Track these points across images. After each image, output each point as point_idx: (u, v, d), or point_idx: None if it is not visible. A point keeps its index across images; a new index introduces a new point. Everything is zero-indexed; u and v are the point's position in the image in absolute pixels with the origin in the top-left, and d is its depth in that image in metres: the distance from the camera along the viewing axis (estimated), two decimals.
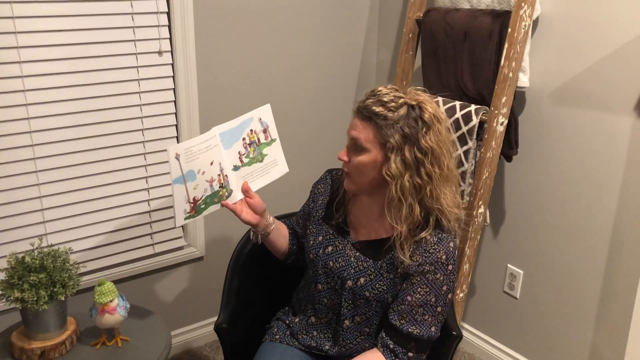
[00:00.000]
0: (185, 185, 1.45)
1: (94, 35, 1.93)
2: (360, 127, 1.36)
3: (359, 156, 1.36)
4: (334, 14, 2.49)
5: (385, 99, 1.33)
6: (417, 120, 1.32)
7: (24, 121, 1.86)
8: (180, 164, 1.44)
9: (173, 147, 1.43)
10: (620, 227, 1.93)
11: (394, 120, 1.31)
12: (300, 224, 1.66)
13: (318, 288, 1.52)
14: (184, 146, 1.45)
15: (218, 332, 1.63)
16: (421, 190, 1.34)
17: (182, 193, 1.45)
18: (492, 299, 2.41)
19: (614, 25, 1.83)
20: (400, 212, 1.35)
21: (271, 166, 1.61)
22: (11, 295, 1.48)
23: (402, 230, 1.36)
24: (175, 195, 1.44)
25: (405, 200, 1.34)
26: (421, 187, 1.34)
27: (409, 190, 1.33)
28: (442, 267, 1.37)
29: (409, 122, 1.32)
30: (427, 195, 1.35)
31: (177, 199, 1.45)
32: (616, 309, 1.99)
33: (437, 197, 1.35)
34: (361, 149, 1.36)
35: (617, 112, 1.88)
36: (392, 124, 1.31)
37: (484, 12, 2.04)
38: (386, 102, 1.33)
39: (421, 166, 1.33)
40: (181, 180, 1.44)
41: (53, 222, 1.99)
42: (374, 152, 1.35)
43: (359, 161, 1.36)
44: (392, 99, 1.33)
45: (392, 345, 1.39)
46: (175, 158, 1.43)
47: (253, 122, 1.57)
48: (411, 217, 1.35)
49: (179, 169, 1.44)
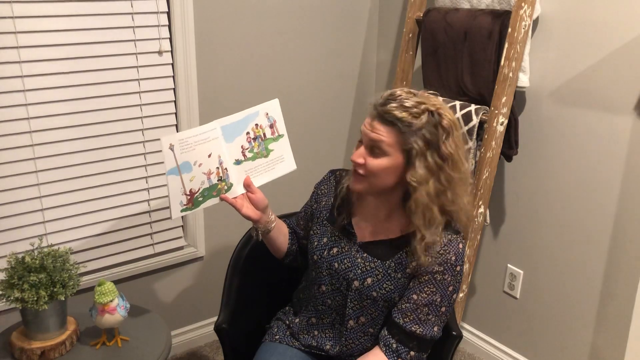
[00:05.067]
0: (180, 176, 1.44)
1: (94, 35, 1.93)
2: (382, 130, 1.33)
3: (379, 159, 1.35)
4: (334, 14, 2.49)
5: (407, 104, 1.32)
6: (436, 126, 1.32)
7: (24, 121, 1.86)
8: (175, 155, 1.43)
9: (167, 138, 1.42)
10: (620, 227, 1.93)
11: (418, 127, 1.31)
12: (301, 225, 1.65)
13: (322, 290, 1.52)
14: (179, 137, 1.44)
15: (218, 332, 1.62)
16: (442, 195, 1.35)
17: (177, 184, 1.44)
18: (492, 299, 2.41)
19: (614, 25, 1.83)
20: (426, 218, 1.35)
21: (277, 162, 1.59)
22: (11, 295, 1.48)
23: (432, 237, 1.36)
24: (169, 186, 1.44)
25: (433, 205, 1.35)
26: (442, 192, 1.35)
27: (433, 195, 1.34)
28: (451, 268, 1.37)
29: (430, 128, 1.32)
30: (448, 199, 1.36)
31: (172, 190, 1.44)
32: (616, 309, 1.99)
33: (454, 200, 1.37)
34: (382, 153, 1.34)
35: (617, 112, 1.88)
36: (416, 130, 1.31)
37: (484, 12, 2.04)
38: (409, 107, 1.32)
39: (442, 172, 1.34)
40: (176, 171, 1.43)
41: (53, 222, 1.99)
42: (395, 156, 1.34)
43: (379, 164, 1.35)
44: (415, 104, 1.32)
45: (395, 344, 1.39)
46: (169, 149, 1.42)
47: (259, 116, 1.55)
48: (434, 222, 1.36)
49: (173, 160, 1.43)
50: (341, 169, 1.61)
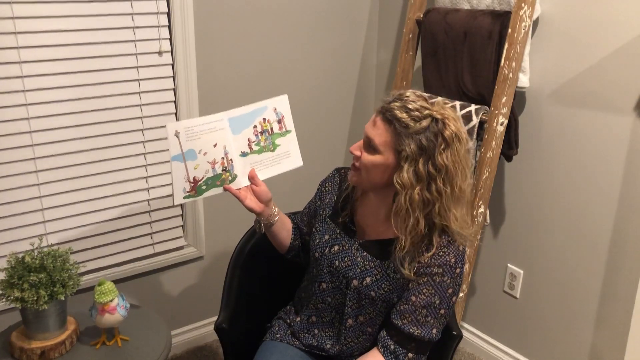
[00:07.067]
0: (185, 163, 1.46)
1: (94, 35, 1.93)
2: (379, 127, 1.34)
3: (372, 155, 1.36)
4: (334, 14, 2.49)
5: (411, 106, 1.32)
6: (437, 135, 1.30)
7: (24, 121, 1.87)
8: (180, 142, 1.45)
9: (173, 124, 1.45)
10: (621, 227, 1.93)
11: (415, 131, 1.30)
12: (305, 221, 1.66)
13: (322, 287, 1.52)
14: (185, 124, 1.46)
15: (218, 331, 1.63)
16: (429, 205, 1.33)
17: (182, 171, 1.47)
18: (492, 299, 2.41)
19: (614, 25, 1.83)
20: (406, 223, 1.35)
21: (283, 157, 1.60)
22: (11, 295, 1.48)
23: (406, 242, 1.35)
24: (173, 172, 1.46)
25: (413, 213, 1.33)
26: (429, 202, 1.33)
27: (417, 203, 1.32)
28: (450, 270, 1.37)
29: (429, 135, 1.30)
30: (435, 211, 1.34)
31: (176, 176, 1.46)
32: (616, 308, 1.99)
33: (444, 216, 1.34)
34: (374, 149, 1.35)
35: (617, 112, 1.88)
36: (412, 133, 1.30)
37: (484, 12, 2.04)
38: (411, 109, 1.31)
39: (433, 182, 1.31)
40: (180, 158, 1.46)
41: (53, 222, 1.99)
42: (387, 155, 1.34)
43: (371, 160, 1.36)
44: (418, 107, 1.32)
45: (393, 346, 1.39)
46: (174, 135, 1.45)
47: (267, 111, 1.57)
48: (415, 231, 1.35)
49: (178, 147, 1.45)
50: (347, 167, 1.61)
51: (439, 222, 1.35)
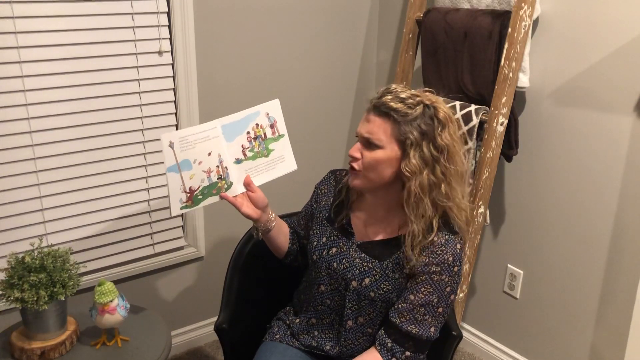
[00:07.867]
0: (180, 174, 1.46)
1: (94, 35, 1.93)
2: (375, 123, 1.36)
3: (374, 152, 1.37)
4: (334, 14, 2.49)
5: (403, 95, 1.36)
6: (432, 118, 1.35)
7: (24, 121, 1.86)
8: (175, 152, 1.44)
9: (167, 135, 1.44)
10: (620, 227, 1.93)
11: (413, 117, 1.33)
12: (302, 225, 1.66)
13: (321, 289, 1.52)
14: (179, 135, 1.45)
15: (218, 332, 1.63)
16: (435, 188, 1.36)
17: (177, 182, 1.46)
18: (492, 299, 2.41)
19: (614, 25, 1.83)
20: (418, 209, 1.37)
21: (278, 162, 1.60)
22: (11, 295, 1.47)
23: (418, 228, 1.36)
24: (169, 183, 1.45)
25: (424, 198, 1.35)
26: (436, 185, 1.36)
27: (426, 187, 1.35)
28: (448, 268, 1.37)
29: (426, 120, 1.34)
30: (441, 193, 1.36)
31: (172, 187, 1.46)
32: (616, 309, 1.99)
33: (449, 194, 1.37)
34: (376, 146, 1.36)
35: (617, 112, 1.88)
36: (411, 120, 1.33)
37: (484, 12, 2.04)
38: (404, 98, 1.35)
39: (437, 164, 1.35)
40: (175, 168, 1.45)
41: (53, 222, 1.99)
42: (390, 148, 1.35)
43: (374, 157, 1.36)
44: (410, 96, 1.36)
45: (390, 344, 1.39)
46: (169, 146, 1.44)
47: (259, 116, 1.57)
48: (426, 216, 1.37)
49: (173, 157, 1.44)
50: (341, 169, 1.62)
51: (445, 204, 1.37)
